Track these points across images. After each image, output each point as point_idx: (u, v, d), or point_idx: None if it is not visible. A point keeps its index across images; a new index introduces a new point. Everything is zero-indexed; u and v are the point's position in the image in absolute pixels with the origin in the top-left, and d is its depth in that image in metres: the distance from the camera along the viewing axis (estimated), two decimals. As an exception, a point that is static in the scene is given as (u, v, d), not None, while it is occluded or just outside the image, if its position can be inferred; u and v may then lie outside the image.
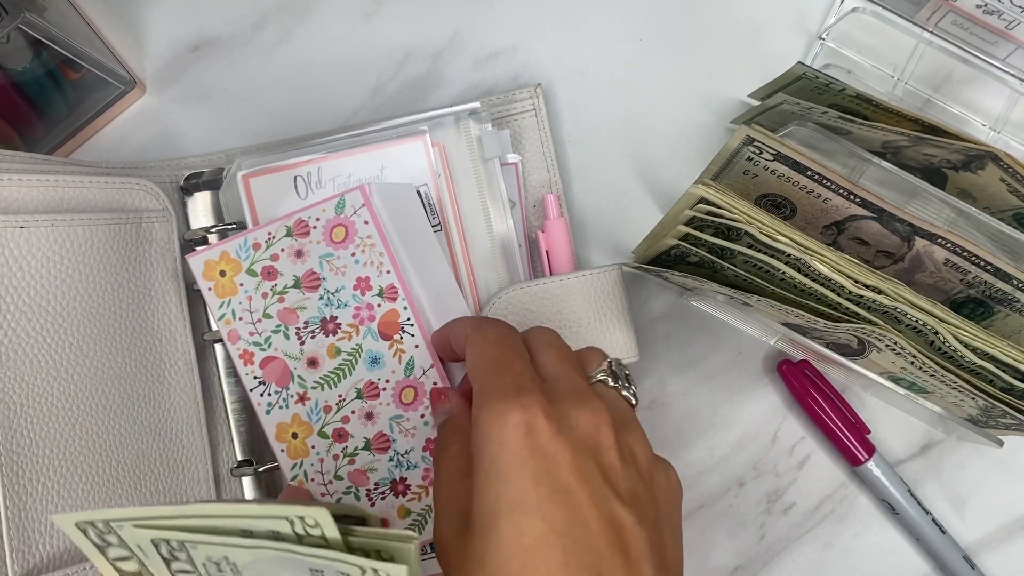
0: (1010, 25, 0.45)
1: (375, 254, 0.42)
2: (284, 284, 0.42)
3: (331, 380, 0.43)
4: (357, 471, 0.43)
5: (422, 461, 0.43)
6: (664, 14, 0.51)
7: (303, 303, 0.42)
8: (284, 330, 0.42)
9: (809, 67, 0.42)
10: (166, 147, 0.49)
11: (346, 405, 0.42)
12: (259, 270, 0.42)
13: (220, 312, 0.42)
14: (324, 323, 0.42)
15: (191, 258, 0.42)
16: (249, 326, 0.42)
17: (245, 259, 0.42)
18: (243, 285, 0.42)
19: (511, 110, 0.48)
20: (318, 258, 0.42)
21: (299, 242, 0.42)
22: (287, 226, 0.42)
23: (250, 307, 0.42)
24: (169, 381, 0.44)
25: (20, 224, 0.38)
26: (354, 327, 0.42)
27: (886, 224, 0.42)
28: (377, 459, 0.43)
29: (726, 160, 0.42)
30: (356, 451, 0.43)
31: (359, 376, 0.42)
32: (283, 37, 0.50)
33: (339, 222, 0.42)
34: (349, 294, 0.42)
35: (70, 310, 0.40)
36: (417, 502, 0.43)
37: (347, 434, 0.43)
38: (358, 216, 0.42)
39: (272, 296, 0.42)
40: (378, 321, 0.42)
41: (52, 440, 0.38)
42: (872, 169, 0.47)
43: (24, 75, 0.44)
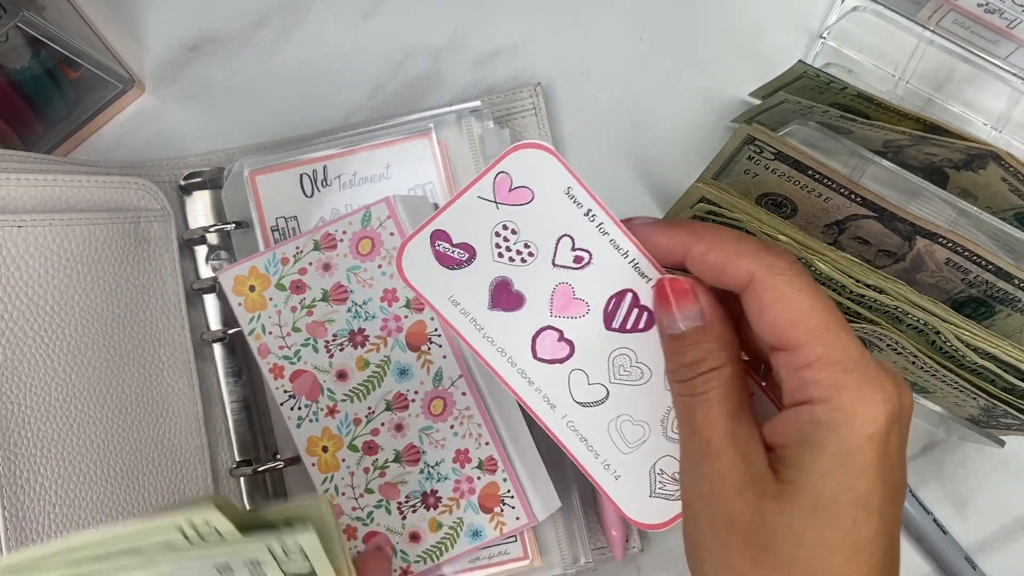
0: (1011, 24, 0.45)
1: None
2: (313, 297, 0.42)
3: (360, 392, 0.43)
4: (387, 484, 0.43)
5: (452, 473, 0.43)
6: (665, 13, 0.50)
7: (331, 316, 0.42)
8: (313, 343, 0.43)
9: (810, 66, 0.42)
10: (165, 146, 0.49)
11: (376, 417, 0.43)
12: (288, 284, 0.42)
13: (250, 327, 0.43)
14: (352, 335, 0.42)
15: (222, 274, 0.43)
16: (279, 340, 0.43)
17: (274, 273, 0.42)
18: (272, 299, 0.43)
19: (511, 109, 0.48)
20: (345, 271, 0.42)
21: (327, 255, 0.42)
22: (315, 240, 0.42)
23: (279, 321, 0.43)
24: (167, 381, 0.44)
25: (18, 224, 0.38)
26: (382, 339, 0.42)
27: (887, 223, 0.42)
28: (407, 471, 0.43)
29: (727, 159, 0.42)
30: (386, 464, 0.43)
31: (388, 388, 0.42)
32: (282, 36, 0.50)
33: (365, 234, 0.42)
34: (376, 306, 0.42)
35: (68, 310, 0.40)
36: (448, 515, 0.43)
37: (377, 446, 0.43)
38: (384, 228, 0.42)
39: (301, 310, 0.42)
40: (406, 332, 0.42)
41: (49, 440, 0.38)
42: (873, 168, 0.47)
43: (23, 74, 0.44)
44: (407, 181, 0.45)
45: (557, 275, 0.32)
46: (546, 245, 0.32)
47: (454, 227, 0.32)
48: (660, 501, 0.34)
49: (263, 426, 0.46)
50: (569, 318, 0.33)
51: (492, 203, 0.32)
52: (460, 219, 0.32)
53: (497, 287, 0.33)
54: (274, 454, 0.45)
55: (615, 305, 0.33)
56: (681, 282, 0.31)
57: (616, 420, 0.33)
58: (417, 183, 0.45)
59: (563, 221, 0.32)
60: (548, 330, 0.33)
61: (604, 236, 0.32)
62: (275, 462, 0.45)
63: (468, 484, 0.43)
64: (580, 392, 0.33)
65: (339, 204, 0.45)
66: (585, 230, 0.32)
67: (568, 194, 0.32)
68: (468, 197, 0.32)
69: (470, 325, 0.33)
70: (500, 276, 0.33)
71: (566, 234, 0.32)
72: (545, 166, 0.32)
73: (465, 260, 0.33)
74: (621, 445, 0.34)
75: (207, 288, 0.45)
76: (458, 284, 0.33)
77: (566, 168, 0.32)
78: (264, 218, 0.44)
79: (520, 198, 0.32)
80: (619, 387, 0.33)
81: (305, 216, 0.45)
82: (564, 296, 0.33)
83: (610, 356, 0.33)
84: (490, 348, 0.33)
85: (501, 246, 0.32)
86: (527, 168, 0.32)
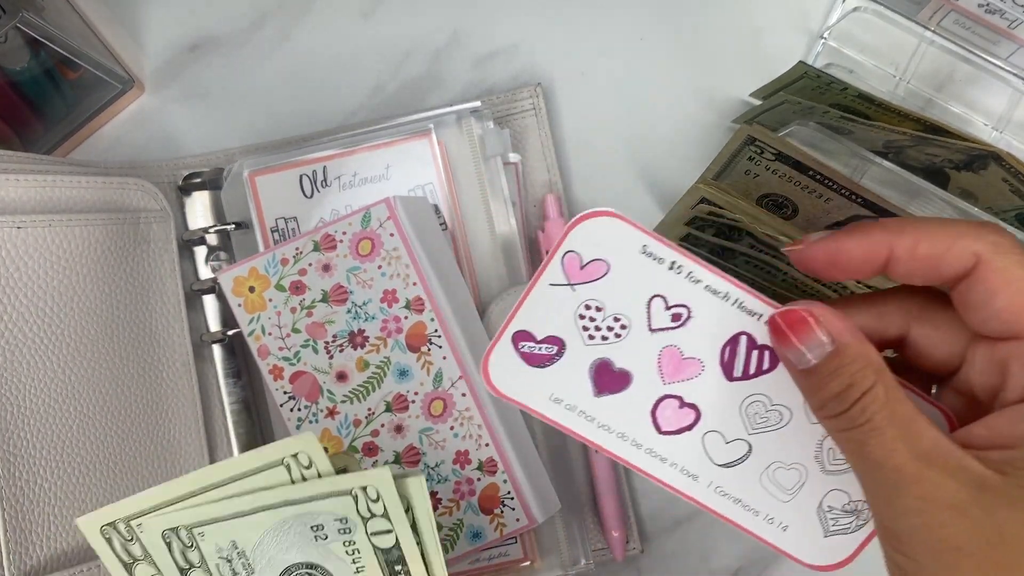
0: (1012, 24, 0.45)
1: (401, 266, 0.42)
2: (312, 298, 0.42)
3: (360, 393, 0.43)
4: None
5: (452, 474, 0.43)
6: (665, 13, 0.50)
7: (331, 317, 0.42)
8: (313, 344, 0.43)
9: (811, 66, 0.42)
10: (164, 147, 0.49)
11: (376, 418, 0.42)
12: (287, 285, 0.42)
13: (250, 328, 0.43)
14: (352, 336, 0.42)
15: (221, 275, 0.43)
16: (278, 341, 0.43)
17: (274, 274, 0.42)
18: (272, 300, 0.42)
19: (511, 110, 0.48)
20: (345, 271, 0.42)
21: (326, 256, 0.42)
22: (314, 240, 0.42)
23: (279, 322, 0.43)
24: (167, 381, 0.43)
25: (17, 224, 0.38)
26: (382, 340, 0.42)
27: (888, 224, 0.42)
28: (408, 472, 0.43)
29: (727, 160, 0.42)
30: (387, 465, 0.42)
31: (388, 389, 0.42)
32: (282, 37, 0.50)
33: (365, 235, 0.42)
34: (376, 307, 0.42)
35: (67, 310, 0.39)
36: (448, 516, 0.43)
37: (377, 448, 0.43)
38: (384, 229, 0.42)
39: (301, 311, 0.42)
40: (405, 333, 0.42)
41: (49, 441, 0.38)
42: (874, 169, 0.47)
43: (22, 74, 0.44)
44: (407, 182, 0.45)
45: (659, 340, 0.30)
46: (638, 312, 0.30)
47: (534, 323, 0.30)
48: (838, 538, 0.31)
49: (263, 427, 0.46)
50: (685, 381, 0.31)
51: (567, 287, 0.30)
52: (538, 313, 0.30)
53: (598, 371, 0.31)
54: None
55: (731, 353, 0.30)
56: (795, 312, 0.28)
57: (767, 471, 0.31)
58: (417, 184, 0.45)
59: (648, 282, 0.30)
60: (666, 400, 0.31)
61: (697, 284, 0.30)
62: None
63: (468, 485, 0.42)
64: (720, 454, 0.31)
65: (339, 205, 0.44)
66: (675, 284, 0.30)
67: (645, 252, 0.30)
68: (540, 288, 0.30)
69: (580, 419, 0.31)
70: (598, 359, 0.31)
71: (656, 294, 0.30)
72: (612, 231, 0.30)
73: (555, 354, 0.31)
74: (780, 495, 0.31)
75: (206, 289, 0.45)
76: (555, 380, 0.31)
77: (635, 227, 0.29)
78: (264, 219, 0.44)
79: (595, 272, 0.30)
80: (760, 436, 0.31)
81: (305, 217, 0.44)
82: (673, 359, 0.31)
83: (741, 407, 0.31)
84: (609, 437, 0.31)
85: (589, 328, 0.30)
86: (593, 239, 0.30)
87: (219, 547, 0.31)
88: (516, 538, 0.44)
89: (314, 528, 0.31)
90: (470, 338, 0.43)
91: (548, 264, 0.30)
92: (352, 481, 0.30)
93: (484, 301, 0.45)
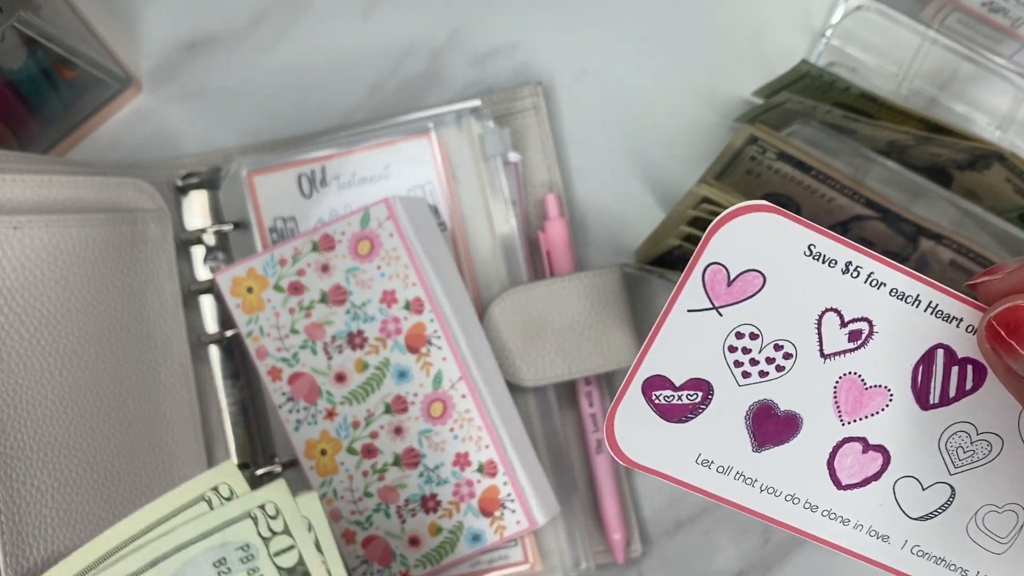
0: (1016, 23, 0.45)
1: (400, 267, 0.42)
2: (311, 299, 0.42)
3: (359, 395, 0.42)
4: (387, 488, 0.42)
5: (451, 476, 0.42)
6: (666, 12, 0.50)
7: (330, 318, 0.42)
8: (312, 345, 0.42)
9: (813, 65, 0.41)
10: (162, 146, 0.48)
11: (375, 420, 0.42)
12: (286, 286, 0.42)
13: (248, 329, 0.42)
14: (351, 337, 0.42)
15: (219, 276, 0.42)
16: (277, 342, 0.42)
17: (272, 275, 0.42)
18: (270, 301, 0.42)
19: (511, 109, 0.48)
20: (344, 272, 0.42)
21: (325, 256, 0.42)
22: (313, 240, 0.42)
23: (277, 323, 0.42)
24: (164, 382, 0.43)
25: (14, 225, 0.38)
26: (381, 340, 0.42)
27: (891, 224, 0.41)
28: (407, 475, 0.42)
29: (729, 159, 0.42)
30: (385, 467, 0.42)
31: (387, 390, 0.42)
32: (280, 35, 0.50)
33: (364, 235, 0.42)
34: (376, 307, 0.42)
35: (65, 311, 0.39)
36: (448, 519, 0.42)
37: (376, 449, 0.42)
38: (383, 229, 0.42)
39: (299, 311, 0.42)
40: (405, 334, 0.42)
41: (46, 442, 0.38)
42: (877, 168, 0.47)
43: (18, 74, 0.44)
44: (406, 181, 0.44)
45: (834, 368, 0.25)
46: (805, 335, 0.24)
47: (670, 365, 0.24)
48: None
49: (260, 429, 0.45)
50: (869, 417, 0.25)
51: (711, 311, 0.24)
52: (674, 351, 0.24)
53: (757, 418, 0.25)
54: (271, 457, 0.45)
55: (925, 374, 0.25)
56: (1019, 308, 0.23)
57: (975, 518, 0.26)
58: (416, 183, 0.44)
59: (817, 294, 0.24)
60: (846, 444, 0.25)
61: (880, 289, 0.24)
62: (272, 465, 0.44)
63: (468, 488, 0.42)
64: (915, 505, 0.25)
65: (338, 204, 0.44)
66: (852, 293, 0.24)
67: (812, 255, 0.24)
68: (676, 316, 0.24)
69: (738, 484, 0.25)
70: (756, 402, 0.25)
71: (828, 308, 0.24)
72: (767, 232, 0.24)
73: (700, 402, 0.25)
74: (993, 545, 0.26)
75: (204, 289, 0.45)
76: (702, 437, 0.25)
77: (797, 222, 0.24)
78: (262, 218, 0.44)
79: (747, 289, 0.24)
80: (965, 476, 0.25)
81: (303, 216, 0.44)
82: (853, 391, 0.25)
83: (941, 442, 0.25)
84: (776, 502, 0.25)
85: (743, 362, 0.25)
86: (742, 245, 0.24)
87: None
88: (516, 540, 0.44)
89: (216, 564, 0.30)
90: (470, 339, 0.42)
91: (685, 283, 0.24)
92: (249, 502, 0.29)
93: (484, 301, 0.45)
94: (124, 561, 0.29)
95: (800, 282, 0.24)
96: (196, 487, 0.29)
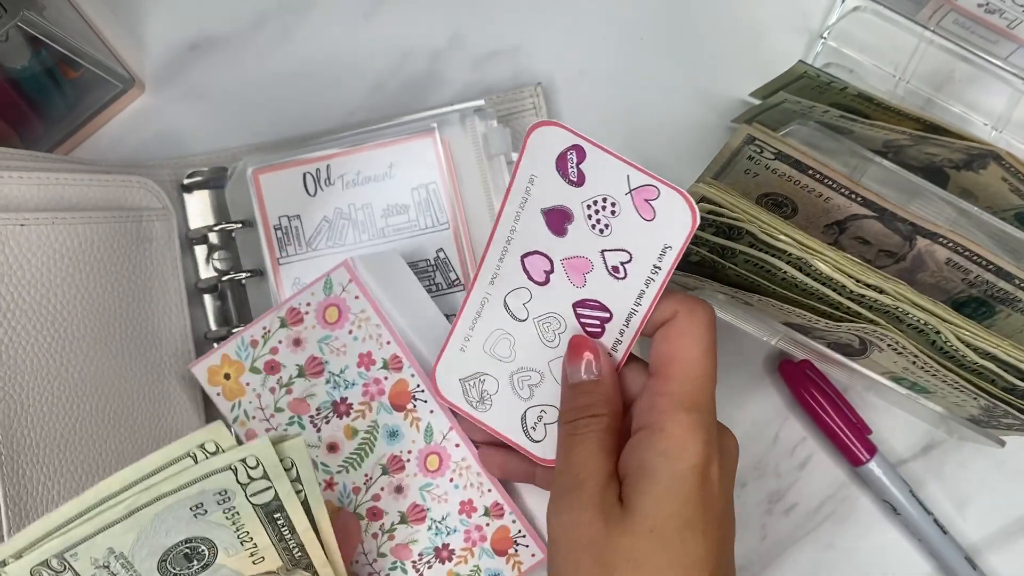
0: (1012, 24, 0.45)
1: (372, 327, 0.41)
2: (289, 375, 0.42)
3: (354, 461, 0.42)
4: (399, 546, 0.42)
5: (460, 524, 0.42)
6: (665, 13, 0.50)
7: (311, 390, 0.42)
8: (298, 420, 0.42)
9: (811, 66, 0.42)
10: (165, 146, 0.49)
11: (374, 483, 0.42)
12: (262, 366, 0.42)
13: (232, 415, 0.42)
14: (336, 406, 0.42)
15: (193, 367, 0.42)
16: (264, 423, 0.42)
17: (246, 358, 0.42)
18: (249, 384, 0.42)
19: (511, 109, 0.48)
20: (316, 343, 0.42)
21: (295, 331, 0.42)
22: (280, 317, 0.42)
23: (260, 404, 0.42)
24: (169, 379, 0.43)
25: (20, 222, 0.38)
26: (366, 404, 0.42)
27: (888, 223, 0.42)
28: (416, 530, 0.42)
29: (727, 159, 0.42)
30: (393, 527, 0.42)
31: (381, 452, 0.42)
32: (282, 36, 0.50)
33: (330, 302, 0.42)
34: (354, 372, 0.42)
35: (70, 308, 0.39)
36: (464, 564, 0.42)
37: (381, 512, 0.42)
38: (348, 292, 0.41)
39: (280, 389, 0.42)
40: (388, 394, 0.42)
41: (52, 439, 0.38)
42: (874, 168, 0.47)
43: (23, 73, 0.44)
44: (410, 180, 0.45)
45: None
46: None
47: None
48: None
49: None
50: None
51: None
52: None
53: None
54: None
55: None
56: (590, 341, 0.36)
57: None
58: (420, 182, 0.45)
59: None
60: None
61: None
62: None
63: (478, 532, 0.42)
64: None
65: (342, 203, 0.44)
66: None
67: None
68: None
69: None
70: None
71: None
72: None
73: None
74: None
75: (209, 287, 0.45)
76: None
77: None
78: (267, 217, 0.44)
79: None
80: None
81: (307, 215, 0.44)
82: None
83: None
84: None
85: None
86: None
87: (94, 559, 0.31)
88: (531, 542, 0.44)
89: (193, 508, 0.31)
90: None
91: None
92: (232, 456, 0.30)
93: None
94: (105, 514, 0.30)
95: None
96: (184, 445, 0.29)
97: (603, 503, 0.33)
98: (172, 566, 0.32)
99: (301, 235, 0.44)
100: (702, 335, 0.34)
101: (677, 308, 0.35)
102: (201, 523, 0.32)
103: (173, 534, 0.31)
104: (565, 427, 0.36)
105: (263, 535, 0.33)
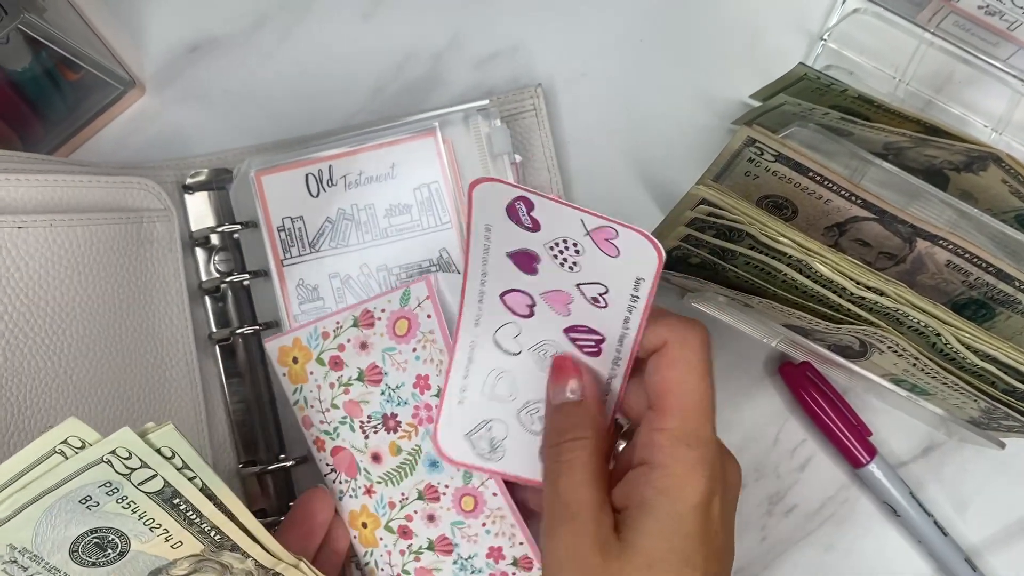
0: (1012, 26, 0.45)
1: (435, 351, 0.40)
2: (349, 376, 0.41)
3: (394, 477, 0.42)
4: (423, 569, 0.42)
5: (486, 567, 0.41)
6: (665, 15, 0.50)
7: (366, 397, 0.41)
8: (350, 422, 0.42)
9: (810, 68, 0.42)
10: (165, 148, 0.49)
11: (408, 504, 0.42)
12: (327, 360, 0.42)
13: (294, 398, 0.42)
14: (385, 419, 0.41)
15: (268, 343, 0.42)
16: (319, 414, 0.42)
17: (315, 348, 0.42)
18: (313, 374, 0.42)
19: (512, 111, 0.48)
20: (381, 351, 0.41)
21: (364, 333, 0.41)
22: (354, 316, 0.41)
23: (319, 396, 0.42)
24: (170, 381, 0.43)
25: (19, 224, 0.38)
26: (413, 426, 0.41)
27: (888, 225, 0.42)
28: (441, 560, 0.42)
29: (727, 161, 0.42)
30: (421, 550, 0.42)
31: (419, 477, 0.41)
32: (282, 37, 0.50)
33: (403, 314, 0.41)
34: (409, 391, 0.41)
35: (70, 310, 0.39)
36: None
37: (411, 532, 0.42)
38: (422, 309, 0.40)
39: (339, 387, 0.42)
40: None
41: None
42: (874, 170, 0.47)
43: (23, 75, 0.44)
44: (413, 180, 0.44)
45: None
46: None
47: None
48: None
49: (264, 426, 0.46)
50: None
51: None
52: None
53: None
54: (277, 455, 0.45)
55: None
56: (572, 361, 0.36)
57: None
58: (423, 182, 0.44)
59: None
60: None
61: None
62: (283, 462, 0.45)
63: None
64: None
65: (345, 204, 0.44)
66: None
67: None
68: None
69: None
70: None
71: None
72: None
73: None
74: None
75: (211, 289, 0.45)
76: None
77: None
78: (270, 218, 0.44)
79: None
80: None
81: (310, 216, 0.44)
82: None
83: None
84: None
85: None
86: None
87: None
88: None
89: (83, 501, 0.31)
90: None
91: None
92: (101, 449, 0.30)
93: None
94: None
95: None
96: (44, 443, 0.29)
97: (598, 534, 0.32)
98: (84, 555, 0.32)
99: (304, 236, 0.44)
100: (696, 362, 0.33)
101: (667, 336, 0.34)
102: (98, 514, 0.31)
103: (73, 527, 0.31)
104: (550, 451, 0.35)
105: (170, 520, 0.33)
